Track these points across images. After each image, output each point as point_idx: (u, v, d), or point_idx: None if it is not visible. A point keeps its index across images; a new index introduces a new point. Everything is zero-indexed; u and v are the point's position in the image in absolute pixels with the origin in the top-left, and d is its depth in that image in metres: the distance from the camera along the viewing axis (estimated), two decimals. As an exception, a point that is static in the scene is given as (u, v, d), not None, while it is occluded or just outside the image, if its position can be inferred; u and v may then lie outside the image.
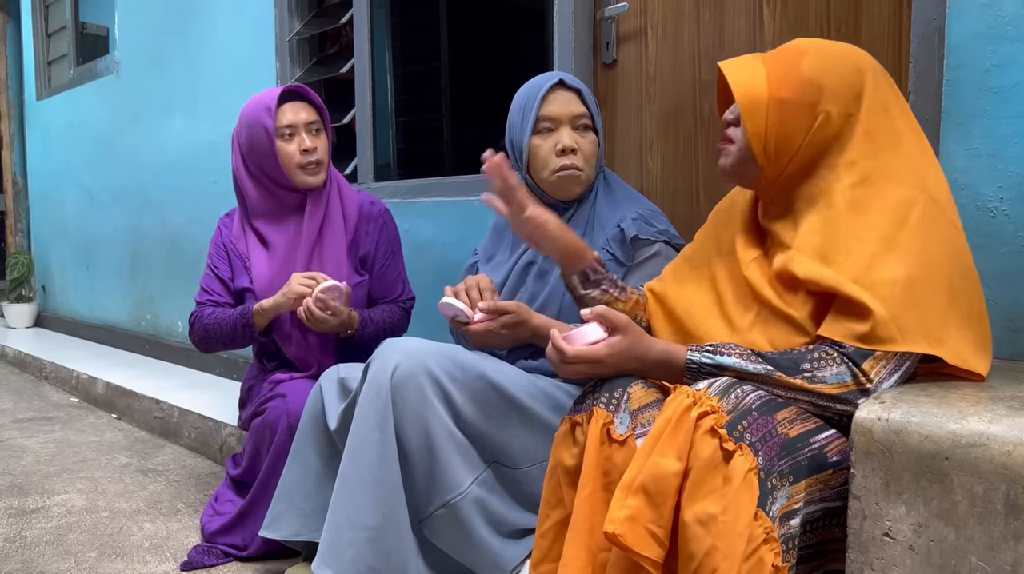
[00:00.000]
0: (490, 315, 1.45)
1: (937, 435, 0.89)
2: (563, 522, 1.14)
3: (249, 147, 1.83)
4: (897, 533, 0.92)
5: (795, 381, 1.01)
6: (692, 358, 1.07)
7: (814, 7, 1.66)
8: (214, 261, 1.92)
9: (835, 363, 1.01)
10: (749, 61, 1.16)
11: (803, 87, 1.10)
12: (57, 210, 4.89)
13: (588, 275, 1.26)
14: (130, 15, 3.93)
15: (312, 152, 1.80)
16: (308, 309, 1.70)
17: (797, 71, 1.11)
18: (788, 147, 1.11)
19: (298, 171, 1.81)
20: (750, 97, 1.12)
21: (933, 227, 1.05)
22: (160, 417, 2.84)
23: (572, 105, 1.53)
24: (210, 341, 1.86)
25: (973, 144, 1.34)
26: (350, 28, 2.78)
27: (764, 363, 1.03)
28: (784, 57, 1.14)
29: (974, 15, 1.34)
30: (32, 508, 2.12)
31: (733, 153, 1.16)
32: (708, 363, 1.05)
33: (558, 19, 2.06)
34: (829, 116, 1.10)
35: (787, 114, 1.10)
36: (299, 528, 1.56)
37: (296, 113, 1.81)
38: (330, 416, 1.52)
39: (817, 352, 1.02)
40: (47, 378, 3.85)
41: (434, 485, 1.39)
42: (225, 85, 3.29)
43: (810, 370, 1.01)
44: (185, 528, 1.97)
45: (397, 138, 3.15)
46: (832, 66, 1.12)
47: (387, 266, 1.95)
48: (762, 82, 1.12)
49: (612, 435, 1.08)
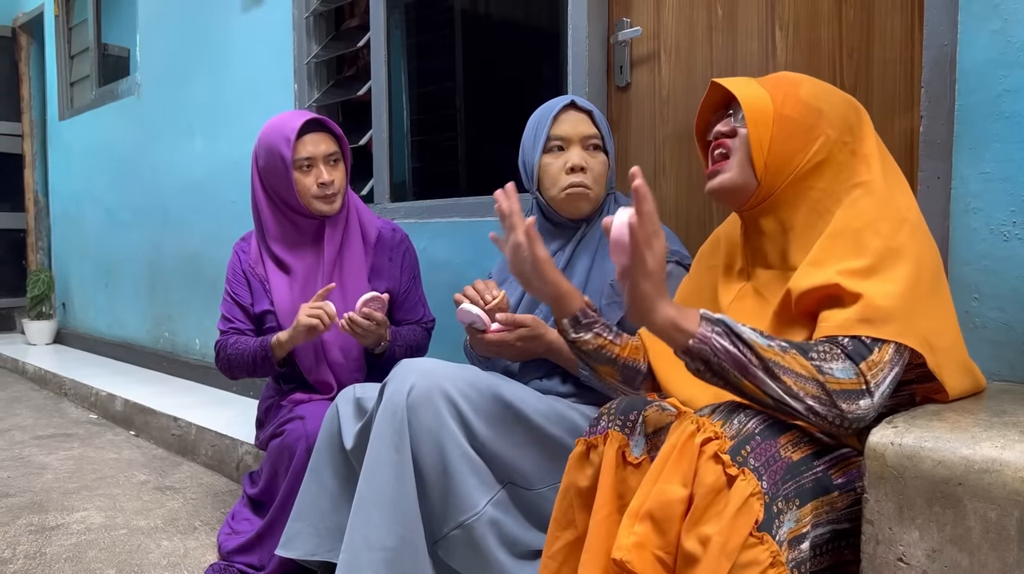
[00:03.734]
0: (507, 327, 1.47)
1: (950, 460, 0.90)
2: (573, 544, 1.14)
3: (266, 171, 1.85)
4: (911, 558, 0.92)
5: (808, 365, 0.96)
6: (705, 314, 0.99)
7: (826, 32, 1.68)
8: (233, 287, 1.94)
9: (839, 359, 0.97)
10: (746, 80, 1.17)
11: (804, 110, 1.12)
12: (78, 229, 4.96)
13: (579, 319, 1.23)
14: (151, 37, 4.00)
15: (329, 186, 1.82)
16: (351, 321, 1.70)
17: (796, 95, 1.13)
18: (787, 165, 1.12)
19: (314, 200, 1.83)
20: (757, 107, 1.12)
21: (925, 244, 1.06)
22: (178, 434, 2.87)
23: (582, 126, 1.55)
24: (234, 370, 1.90)
25: (985, 168, 1.35)
26: (367, 51, 2.82)
27: (778, 341, 0.98)
28: (781, 83, 1.15)
29: (985, 41, 1.35)
30: (52, 525, 2.14)
31: (732, 167, 1.15)
32: (727, 322, 0.98)
33: (572, 43, 2.09)
34: (828, 139, 1.11)
35: (789, 131, 1.12)
36: (315, 547, 1.57)
37: (316, 146, 1.81)
38: (346, 436, 1.54)
39: (821, 346, 0.99)
40: (67, 395, 3.89)
41: (449, 506, 1.40)
42: (244, 107, 3.34)
43: (818, 359, 0.97)
44: (202, 546, 1.99)
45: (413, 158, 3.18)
46: (827, 96, 1.14)
47: (409, 292, 1.97)
48: (766, 97, 1.13)
49: (627, 458, 1.09)
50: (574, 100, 1.58)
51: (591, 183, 1.54)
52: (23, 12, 5.61)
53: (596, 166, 1.55)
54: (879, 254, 1.03)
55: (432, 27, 3.07)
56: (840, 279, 1.01)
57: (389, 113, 2.78)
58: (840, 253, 1.05)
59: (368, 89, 2.79)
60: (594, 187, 1.54)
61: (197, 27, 3.61)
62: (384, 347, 1.85)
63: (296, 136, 1.79)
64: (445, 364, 1.47)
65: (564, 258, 1.58)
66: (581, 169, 1.53)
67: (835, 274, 1.02)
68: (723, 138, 1.17)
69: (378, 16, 2.74)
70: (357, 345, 1.86)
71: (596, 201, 1.57)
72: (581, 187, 1.53)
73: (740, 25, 1.83)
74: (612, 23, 2.07)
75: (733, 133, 1.16)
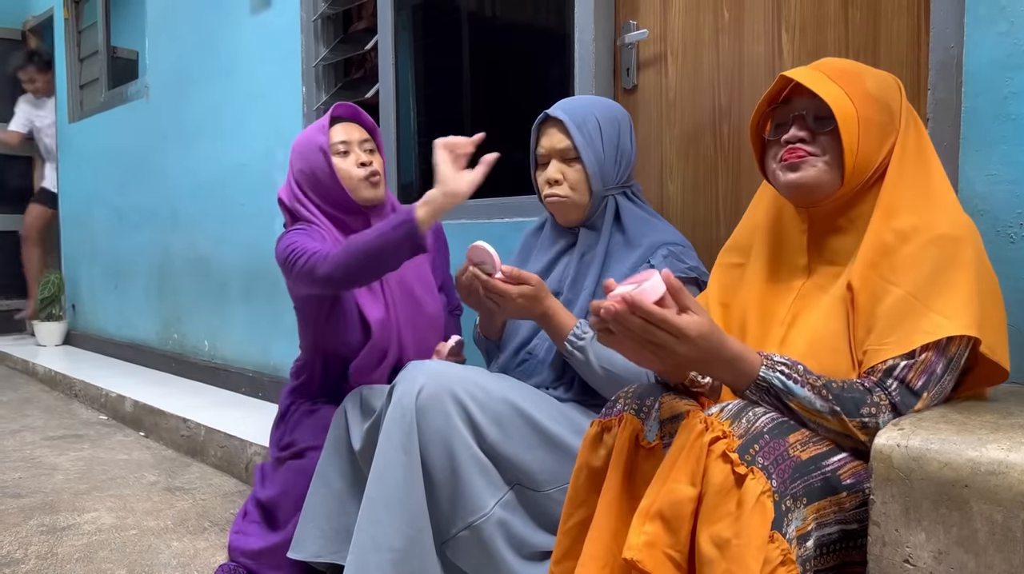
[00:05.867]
0: (510, 280, 1.47)
1: (956, 462, 0.90)
2: (586, 521, 1.14)
3: (306, 174, 1.78)
4: (917, 560, 0.93)
5: (850, 425, 1.01)
6: (765, 375, 1.03)
7: (833, 34, 1.68)
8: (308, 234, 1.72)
9: (887, 410, 1.02)
10: (817, 75, 1.13)
11: (877, 107, 1.12)
12: (87, 231, 4.99)
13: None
14: (160, 40, 4.03)
15: (369, 165, 1.78)
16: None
17: (865, 90, 1.12)
18: (870, 164, 1.12)
19: (360, 184, 1.77)
20: (844, 110, 1.10)
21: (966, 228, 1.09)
22: (187, 435, 2.89)
23: (556, 140, 1.57)
24: (356, 259, 1.52)
25: (992, 171, 1.35)
26: (375, 54, 2.84)
27: (832, 402, 1.02)
28: (848, 75, 1.13)
29: (992, 43, 1.35)
30: (63, 525, 2.16)
31: (820, 166, 1.14)
32: (778, 386, 1.03)
33: (579, 45, 2.10)
34: (897, 134, 1.12)
35: (871, 131, 1.11)
36: (320, 549, 1.58)
37: (348, 132, 1.80)
38: (354, 437, 1.55)
39: (875, 395, 1.02)
40: (77, 396, 3.92)
41: (458, 507, 1.41)
42: (252, 109, 3.36)
43: (867, 415, 1.01)
44: (212, 546, 2.00)
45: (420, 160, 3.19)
46: (884, 85, 1.14)
47: (445, 274, 1.98)
48: (845, 97, 1.11)
49: (640, 442, 1.09)
50: (548, 113, 1.59)
51: (566, 192, 1.57)
52: (33, 15, 5.64)
53: (572, 175, 1.56)
54: (939, 273, 1.05)
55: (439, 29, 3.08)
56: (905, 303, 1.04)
57: (397, 115, 2.79)
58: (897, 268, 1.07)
59: (376, 91, 2.80)
60: (571, 195, 1.57)
61: (205, 30, 3.63)
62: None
63: (330, 124, 1.79)
64: (455, 366, 1.48)
65: (572, 268, 1.58)
66: (556, 182, 1.57)
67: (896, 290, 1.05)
68: (812, 135, 1.15)
69: (385, 19, 2.76)
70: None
71: (581, 206, 1.58)
72: (555, 197, 1.57)
73: (747, 27, 1.84)
74: (619, 26, 2.08)
75: (823, 131, 1.14)
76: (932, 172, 1.14)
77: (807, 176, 1.14)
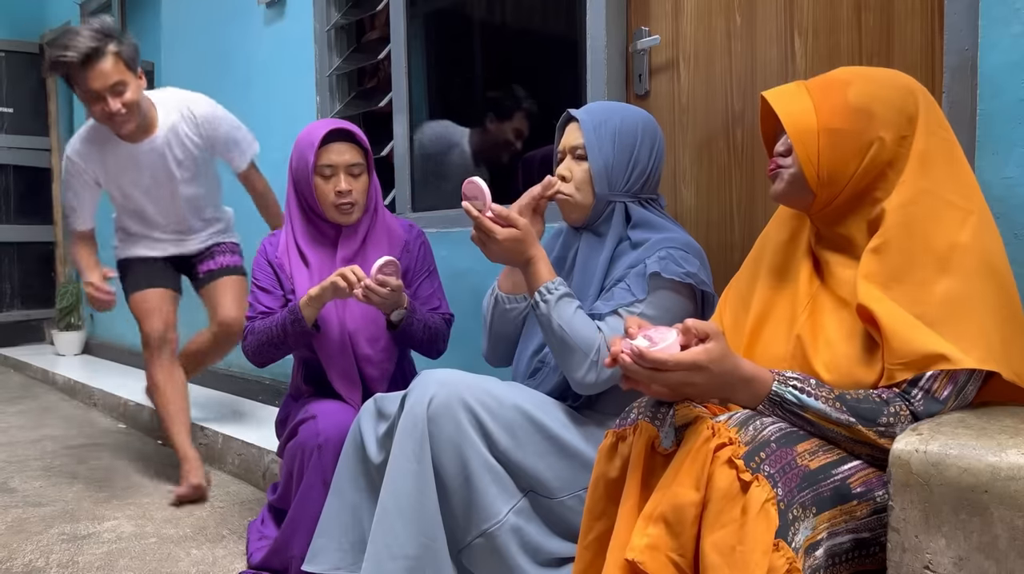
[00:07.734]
0: (499, 221, 1.47)
1: (976, 468, 0.90)
2: (606, 534, 1.14)
3: (296, 173, 1.90)
4: (938, 566, 0.92)
5: (869, 434, 1.01)
6: (777, 390, 1.04)
7: (846, 38, 1.68)
8: (257, 277, 1.96)
9: (907, 420, 1.02)
10: (793, 90, 1.16)
11: (853, 117, 1.11)
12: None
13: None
14: (174, 51, 4.07)
15: (346, 195, 1.84)
16: (368, 287, 1.70)
17: (844, 101, 1.12)
18: (842, 174, 1.12)
19: (331, 209, 1.86)
20: (800, 127, 1.12)
21: (988, 238, 1.07)
22: (204, 444, 2.90)
23: (571, 137, 1.58)
24: (262, 347, 1.85)
25: (1008, 173, 1.34)
26: (388, 63, 2.85)
27: (847, 413, 1.02)
28: (829, 87, 1.14)
29: (1007, 45, 1.34)
30: (83, 534, 2.18)
31: (785, 179, 1.16)
32: (792, 401, 1.04)
33: (591, 52, 2.10)
34: (883, 143, 1.10)
35: (838, 143, 1.11)
36: (338, 562, 1.58)
37: (340, 155, 1.84)
38: (370, 449, 1.55)
39: (894, 406, 1.02)
40: (96, 405, 3.95)
41: (471, 514, 1.41)
42: (267, 119, 3.38)
43: (885, 424, 1.01)
44: (230, 554, 2.01)
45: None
46: (879, 93, 1.13)
47: (423, 282, 1.98)
48: (810, 112, 1.12)
49: (656, 449, 1.09)
50: (569, 112, 1.60)
51: (569, 191, 1.56)
52: (50, 29, 5.71)
53: (579, 173, 1.56)
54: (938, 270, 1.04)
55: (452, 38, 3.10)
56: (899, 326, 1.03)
57: (410, 124, 2.81)
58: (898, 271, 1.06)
59: (389, 100, 2.82)
60: (575, 194, 1.55)
61: (220, 41, 3.67)
62: (402, 314, 1.82)
63: (320, 143, 1.83)
64: (465, 374, 1.48)
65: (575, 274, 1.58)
66: (563, 179, 1.57)
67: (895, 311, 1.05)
68: (778, 157, 1.18)
69: (398, 28, 2.77)
70: (385, 334, 1.87)
71: (584, 207, 1.56)
72: (560, 194, 1.57)
73: (759, 32, 1.83)
74: (631, 32, 2.08)
75: (788, 151, 1.16)
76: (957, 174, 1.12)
77: (778, 188, 1.18)
